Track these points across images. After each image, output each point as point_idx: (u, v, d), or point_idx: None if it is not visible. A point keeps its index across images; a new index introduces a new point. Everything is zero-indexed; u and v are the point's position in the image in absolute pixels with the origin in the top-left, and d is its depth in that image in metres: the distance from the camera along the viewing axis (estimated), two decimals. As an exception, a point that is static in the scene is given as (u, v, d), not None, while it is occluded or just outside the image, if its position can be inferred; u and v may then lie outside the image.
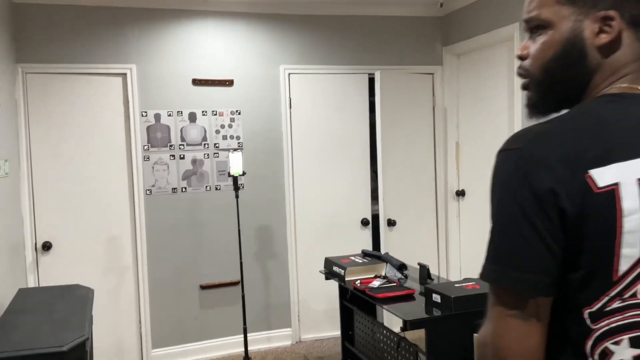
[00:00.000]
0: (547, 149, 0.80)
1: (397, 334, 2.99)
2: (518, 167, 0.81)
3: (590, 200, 0.77)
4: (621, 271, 0.77)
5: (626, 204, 0.76)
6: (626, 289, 0.77)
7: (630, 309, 0.78)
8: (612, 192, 0.77)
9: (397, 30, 4.56)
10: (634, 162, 0.78)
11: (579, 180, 0.77)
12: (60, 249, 3.85)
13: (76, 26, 3.87)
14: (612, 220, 0.77)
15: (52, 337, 2.16)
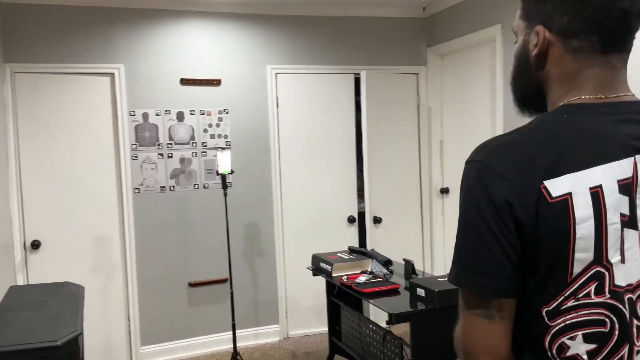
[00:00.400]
0: (504, 161, 0.85)
1: (383, 328, 3.07)
2: (479, 177, 0.87)
3: (545, 209, 0.82)
4: (575, 273, 0.83)
5: (578, 212, 0.81)
6: (579, 289, 0.84)
7: (583, 308, 0.84)
8: (566, 201, 0.82)
9: (383, 31, 4.63)
10: (585, 172, 0.83)
11: (534, 191, 0.82)
12: (49, 247, 3.88)
13: (64, 26, 3.90)
14: (566, 228, 0.82)
15: (46, 332, 2.20)
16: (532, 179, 0.83)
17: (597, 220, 0.82)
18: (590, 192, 0.82)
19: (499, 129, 3.89)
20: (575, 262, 0.83)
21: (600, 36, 0.88)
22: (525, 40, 0.95)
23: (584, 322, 0.84)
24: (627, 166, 0.84)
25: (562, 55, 0.91)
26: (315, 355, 4.12)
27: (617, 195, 0.83)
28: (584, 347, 0.84)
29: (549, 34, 0.91)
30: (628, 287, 0.85)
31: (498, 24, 3.86)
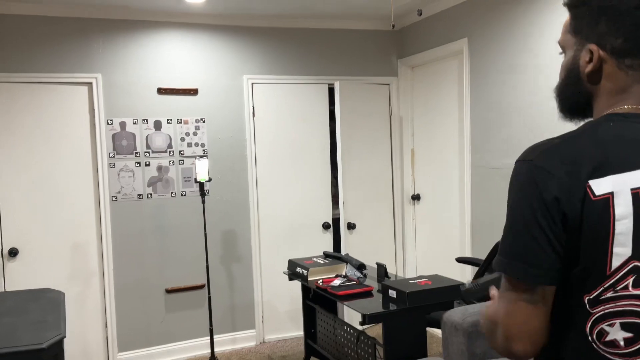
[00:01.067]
0: (553, 162, 0.94)
1: (357, 329, 3.19)
2: (530, 175, 0.95)
3: (589, 206, 0.91)
4: (614, 267, 0.92)
5: (618, 210, 0.90)
6: (618, 282, 0.92)
7: (622, 299, 0.92)
8: (607, 200, 0.90)
9: (356, 43, 4.79)
10: (627, 174, 0.91)
11: (580, 189, 0.91)
12: (27, 255, 3.90)
13: (42, 36, 3.95)
14: (606, 224, 0.91)
15: (31, 336, 2.26)
16: (578, 178, 0.92)
17: (636, 218, 0.91)
18: (631, 192, 0.91)
19: (467, 138, 4.06)
20: (614, 256, 0.91)
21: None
22: (576, 55, 1.04)
23: (622, 312, 0.93)
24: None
25: (615, 72, 1.00)
26: (290, 358, 4.22)
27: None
28: (621, 334, 0.93)
29: (602, 53, 0.99)
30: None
31: (465, 37, 4.03)
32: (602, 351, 0.95)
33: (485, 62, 3.87)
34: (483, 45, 3.86)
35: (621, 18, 0.97)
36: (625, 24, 0.97)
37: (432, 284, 2.90)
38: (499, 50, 3.74)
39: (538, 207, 0.94)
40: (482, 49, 3.88)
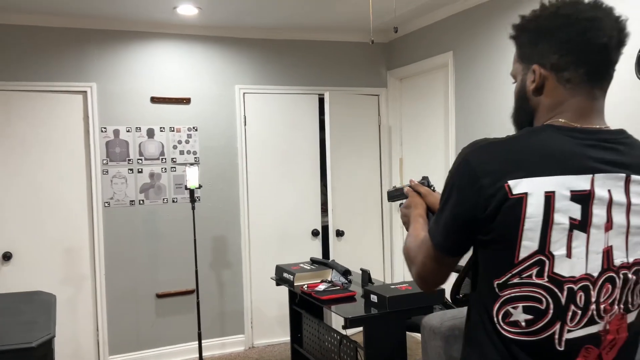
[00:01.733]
0: (483, 159, 1.06)
1: (340, 333, 3.28)
2: (460, 166, 1.09)
3: (506, 202, 1.02)
4: (521, 257, 1.03)
5: (530, 210, 1.02)
6: (524, 270, 1.04)
7: (526, 286, 1.05)
8: (521, 199, 1.01)
9: (346, 55, 4.90)
10: (543, 178, 1.02)
11: (500, 187, 1.02)
12: (20, 259, 3.99)
13: (38, 46, 4.05)
14: (517, 219, 1.02)
15: (21, 335, 2.35)
16: (500, 177, 1.03)
17: (545, 218, 1.01)
18: (544, 195, 1.02)
19: (452, 147, 4.17)
20: (522, 248, 1.03)
21: (586, 68, 1.08)
22: (523, 79, 1.16)
23: (525, 296, 1.05)
24: (583, 181, 1.03)
25: (556, 86, 1.11)
26: (278, 363, 4.30)
27: (567, 202, 1.02)
28: (523, 316, 1.05)
29: (544, 70, 1.11)
30: (571, 278, 1.03)
31: (450, 51, 4.15)
32: (505, 331, 1.07)
33: (470, 75, 3.99)
34: (467, 58, 3.98)
35: (554, 37, 1.09)
36: (558, 41, 1.08)
37: (413, 289, 2.99)
38: (483, 63, 3.85)
39: (461, 201, 1.08)
40: (466, 61, 4.00)
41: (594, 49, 1.07)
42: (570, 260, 1.03)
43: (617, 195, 1.05)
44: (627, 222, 1.06)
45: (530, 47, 1.14)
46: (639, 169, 1.08)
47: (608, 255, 1.05)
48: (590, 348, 1.05)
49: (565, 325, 1.04)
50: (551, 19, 1.09)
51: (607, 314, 1.05)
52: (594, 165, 1.05)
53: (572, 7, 1.08)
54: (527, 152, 1.06)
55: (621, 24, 1.10)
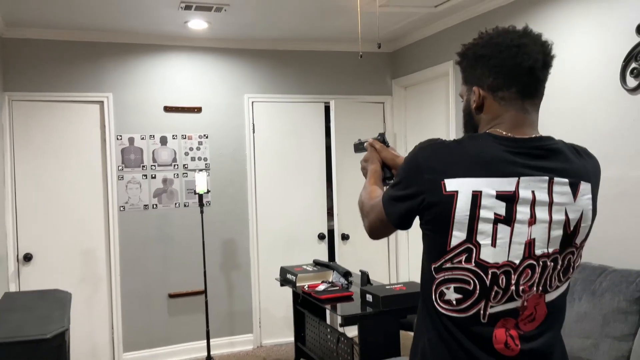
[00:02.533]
0: (429, 157, 1.23)
1: (337, 331, 3.43)
2: (412, 159, 1.27)
3: (441, 197, 1.19)
4: (452, 245, 1.21)
5: (459, 205, 1.19)
6: (455, 256, 1.22)
7: (456, 270, 1.22)
8: (453, 195, 1.18)
9: (351, 64, 5.07)
10: (472, 179, 1.20)
11: (437, 183, 1.20)
12: (40, 260, 4.23)
13: (58, 58, 4.30)
14: (449, 213, 1.19)
15: (37, 328, 2.55)
16: (439, 175, 1.20)
17: (472, 214, 1.18)
18: (472, 194, 1.18)
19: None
20: (453, 238, 1.20)
21: (516, 87, 1.25)
22: (468, 99, 1.34)
23: (456, 279, 1.22)
24: (508, 184, 1.19)
25: (492, 104, 1.28)
26: (284, 361, 4.47)
27: (492, 200, 1.18)
28: (454, 295, 1.23)
29: (482, 91, 1.28)
30: (494, 264, 1.19)
31: (450, 60, 4.30)
32: (442, 308, 1.25)
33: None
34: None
35: (489, 61, 1.26)
36: (492, 66, 1.26)
37: (407, 289, 3.14)
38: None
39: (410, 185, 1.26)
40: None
41: (522, 71, 1.24)
42: (494, 249, 1.20)
43: (540, 195, 1.21)
44: (550, 217, 1.22)
45: (470, 71, 1.31)
46: (560, 172, 1.24)
47: (530, 246, 1.21)
48: (508, 319, 1.23)
49: (489, 302, 1.21)
50: (486, 46, 1.27)
51: (525, 294, 1.22)
52: (520, 170, 1.21)
53: (503, 36, 1.26)
54: (463, 156, 1.23)
55: (546, 49, 1.27)
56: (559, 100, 3.32)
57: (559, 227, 1.23)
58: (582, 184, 1.25)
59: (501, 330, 1.22)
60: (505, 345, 1.22)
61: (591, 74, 3.12)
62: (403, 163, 1.32)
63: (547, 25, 3.41)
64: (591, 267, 2.86)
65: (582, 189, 1.25)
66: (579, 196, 1.24)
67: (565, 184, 1.23)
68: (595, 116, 3.11)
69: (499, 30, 1.28)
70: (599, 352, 2.64)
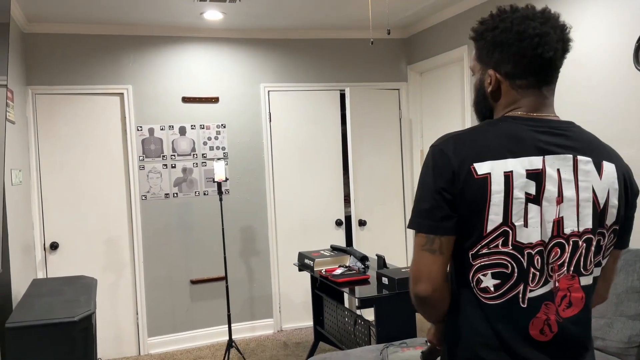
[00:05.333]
0: (453, 148, 1.21)
1: (355, 313, 3.50)
2: (434, 157, 1.23)
3: (473, 182, 1.17)
4: (489, 229, 1.17)
5: (494, 187, 1.17)
6: (492, 241, 1.20)
7: (493, 255, 1.20)
8: (486, 178, 1.17)
9: (366, 51, 5.10)
10: (501, 161, 1.18)
11: (467, 169, 1.17)
12: (66, 248, 4.37)
13: (79, 52, 4.41)
14: (484, 196, 1.17)
15: (65, 311, 2.67)
16: (467, 161, 1.19)
17: (506, 194, 1.17)
18: (504, 174, 1.18)
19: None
20: (489, 222, 1.18)
21: (535, 77, 1.25)
22: (481, 78, 1.32)
23: (493, 264, 1.20)
24: (536, 161, 1.19)
25: (509, 90, 1.27)
26: (304, 345, 4.55)
27: (524, 179, 1.18)
28: (491, 281, 1.20)
29: (499, 76, 1.27)
30: (529, 244, 1.19)
31: (464, 45, 4.30)
32: (479, 296, 1.23)
33: (482, 68, 4.13)
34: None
35: (509, 49, 1.25)
36: (512, 54, 1.25)
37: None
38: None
39: (439, 181, 1.22)
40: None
41: (543, 62, 1.24)
42: (527, 229, 1.20)
43: (566, 173, 1.22)
44: (577, 195, 1.22)
45: (487, 53, 1.30)
46: (584, 151, 1.24)
47: (559, 225, 1.21)
48: (549, 304, 1.22)
49: (528, 285, 1.21)
50: (506, 33, 1.24)
51: (555, 273, 1.22)
52: (545, 147, 1.22)
53: (525, 24, 1.23)
54: (487, 140, 1.23)
55: (566, 35, 1.26)
56: (571, 81, 3.33)
57: (588, 205, 1.23)
58: (604, 163, 1.25)
59: (541, 317, 1.21)
60: (540, 331, 1.21)
61: (604, 55, 3.12)
62: (423, 166, 1.27)
63: (560, 5, 3.40)
64: (605, 248, 2.88)
65: (605, 167, 1.25)
66: (604, 175, 1.24)
67: (589, 162, 1.23)
68: (608, 97, 3.11)
69: (520, 14, 1.25)
70: (612, 331, 2.67)
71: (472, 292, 1.24)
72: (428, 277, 1.23)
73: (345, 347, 3.63)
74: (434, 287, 1.23)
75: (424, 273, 1.23)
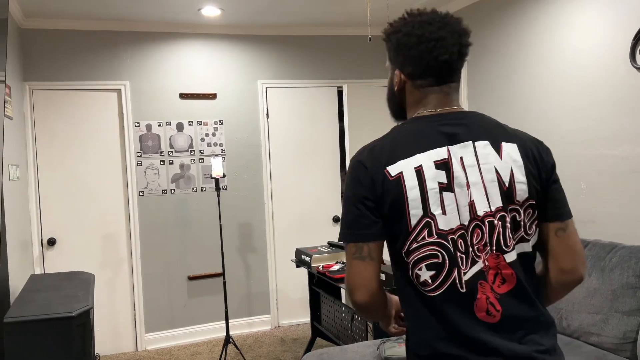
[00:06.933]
0: (368, 157, 1.28)
1: (352, 309, 3.51)
2: (354, 169, 1.30)
3: (389, 184, 1.24)
4: (412, 224, 1.23)
5: (408, 184, 1.24)
6: (418, 234, 1.26)
7: (422, 247, 1.25)
8: (399, 178, 1.24)
9: (363, 48, 5.09)
10: (410, 158, 1.25)
11: (382, 174, 1.25)
12: (63, 244, 4.37)
13: (76, 48, 4.40)
14: (401, 194, 1.23)
15: (63, 307, 2.68)
16: (380, 166, 1.27)
17: (420, 187, 1.23)
18: (415, 170, 1.25)
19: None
20: (412, 217, 1.24)
21: (434, 77, 1.33)
22: (391, 77, 1.41)
23: (425, 256, 1.24)
24: (442, 152, 1.26)
25: (412, 89, 1.36)
26: (301, 341, 4.57)
27: (434, 171, 1.24)
28: (427, 274, 1.24)
29: (403, 76, 1.35)
30: (450, 230, 1.24)
31: (462, 42, 4.31)
32: (422, 291, 1.26)
33: (480, 65, 4.14)
34: (478, 49, 4.14)
35: (409, 52, 1.32)
36: (412, 56, 1.32)
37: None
38: (493, 54, 4.00)
39: (359, 190, 1.28)
40: (477, 52, 4.15)
41: (439, 64, 1.31)
42: (446, 217, 1.25)
43: (468, 159, 1.28)
44: (481, 177, 1.28)
45: (394, 54, 1.38)
46: (482, 136, 1.31)
47: (472, 208, 1.26)
48: (483, 283, 1.25)
49: (461, 269, 1.25)
50: (408, 36, 1.32)
51: (481, 253, 1.26)
52: (448, 138, 1.29)
53: (424, 28, 1.31)
54: (396, 143, 1.30)
55: (463, 39, 1.32)
56: (568, 78, 3.34)
57: (494, 184, 1.28)
58: (504, 144, 1.30)
59: (482, 298, 1.24)
60: (487, 312, 1.24)
61: (600, 52, 3.14)
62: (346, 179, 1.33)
63: (557, 3, 3.42)
64: (601, 244, 2.90)
65: (505, 148, 1.30)
66: (504, 154, 1.29)
67: (487, 145, 1.29)
68: (605, 94, 3.12)
69: (421, 19, 1.33)
70: (608, 327, 2.69)
71: (415, 289, 1.27)
72: (362, 284, 1.27)
73: (342, 343, 3.64)
74: (370, 293, 1.28)
75: (358, 281, 1.27)
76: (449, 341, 1.24)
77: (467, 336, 1.23)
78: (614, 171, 3.09)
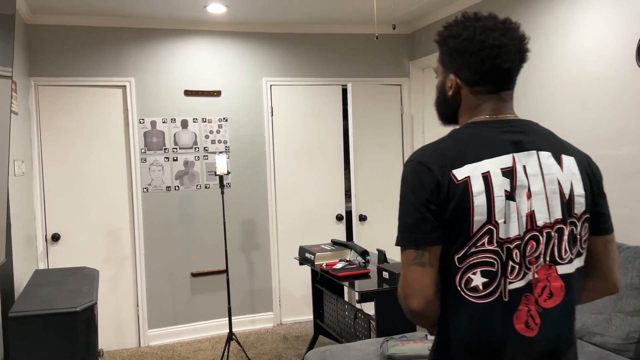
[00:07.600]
0: (430, 159, 1.25)
1: (355, 307, 3.52)
2: (415, 171, 1.26)
3: (454, 188, 1.21)
4: (474, 230, 1.24)
5: (475, 189, 1.23)
6: (478, 240, 1.24)
7: (480, 253, 1.24)
8: (466, 182, 1.21)
9: (368, 46, 5.10)
10: (477, 163, 1.26)
11: (447, 177, 1.22)
12: (67, 240, 4.38)
13: (82, 44, 4.41)
14: (467, 199, 1.20)
15: (67, 302, 2.69)
16: (445, 169, 1.24)
17: (487, 194, 1.22)
18: (482, 176, 1.23)
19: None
20: (475, 222, 1.21)
21: (493, 84, 1.31)
22: (443, 80, 1.38)
23: (481, 262, 1.23)
24: (507, 159, 1.25)
25: (468, 95, 1.33)
26: (303, 338, 4.58)
27: (501, 178, 1.23)
28: (481, 280, 1.24)
29: (459, 81, 1.33)
30: (507, 239, 1.23)
31: (467, 41, 4.30)
32: (468, 297, 1.26)
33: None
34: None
35: (469, 57, 1.30)
36: (472, 61, 1.30)
37: (422, 267, 3.20)
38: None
39: (422, 193, 1.25)
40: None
41: (501, 72, 1.30)
42: (506, 225, 1.24)
43: (531, 168, 1.27)
44: (545, 189, 1.27)
45: (449, 58, 1.34)
46: (543, 146, 1.30)
47: (531, 218, 1.26)
48: (528, 295, 1.25)
49: (507, 278, 1.24)
50: (468, 41, 1.29)
51: (533, 265, 1.26)
52: (512, 146, 1.28)
53: (486, 34, 1.28)
54: (459, 147, 1.28)
55: (524, 46, 1.31)
56: (574, 79, 3.34)
57: (555, 196, 1.28)
58: (563, 156, 1.30)
59: (523, 309, 1.24)
60: (525, 324, 1.24)
61: (607, 52, 3.13)
62: (403, 182, 1.29)
63: (563, 4, 3.41)
64: (605, 245, 2.89)
65: (565, 160, 1.30)
66: (565, 167, 1.30)
67: (549, 157, 1.29)
68: (610, 94, 3.12)
69: (482, 24, 1.30)
70: (611, 327, 2.69)
71: (459, 295, 1.26)
72: (420, 291, 1.23)
73: (345, 341, 3.65)
74: (426, 300, 1.24)
75: (416, 288, 1.23)
76: (480, 355, 1.25)
77: (500, 352, 1.24)
78: (618, 172, 3.08)
